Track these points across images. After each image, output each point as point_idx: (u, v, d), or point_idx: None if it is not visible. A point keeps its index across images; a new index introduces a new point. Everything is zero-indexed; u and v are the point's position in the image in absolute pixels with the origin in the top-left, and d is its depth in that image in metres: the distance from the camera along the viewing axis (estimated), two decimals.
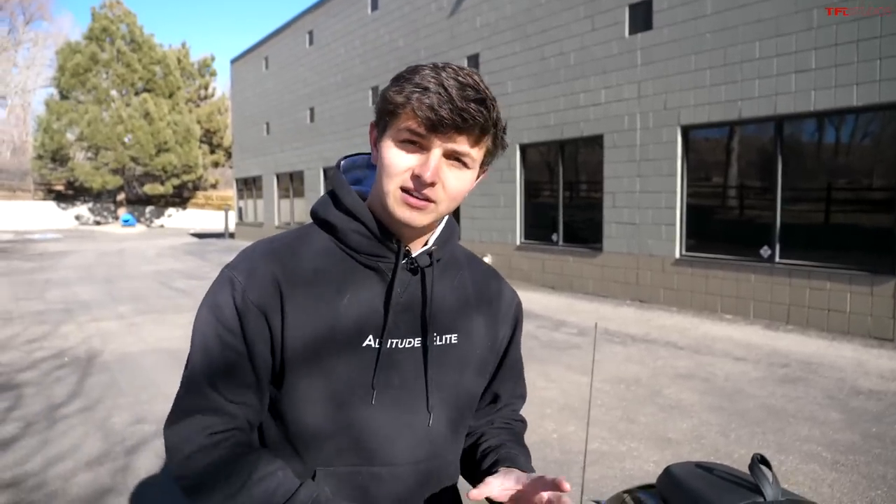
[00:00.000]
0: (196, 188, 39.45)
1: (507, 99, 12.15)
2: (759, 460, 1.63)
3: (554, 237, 11.48)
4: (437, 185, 0.96)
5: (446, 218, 1.13)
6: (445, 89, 0.91)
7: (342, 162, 1.18)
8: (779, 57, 7.95)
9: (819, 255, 7.80)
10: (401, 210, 0.98)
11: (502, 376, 1.25)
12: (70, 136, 32.85)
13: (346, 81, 17.85)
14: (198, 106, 38.97)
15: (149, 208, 37.22)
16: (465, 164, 0.98)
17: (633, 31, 9.78)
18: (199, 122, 36.82)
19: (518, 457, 1.14)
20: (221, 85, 44.01)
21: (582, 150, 11.04)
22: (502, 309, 1.22)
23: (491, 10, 12.55)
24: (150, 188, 34.53)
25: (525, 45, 11.73)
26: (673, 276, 9.38)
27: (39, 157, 33.05)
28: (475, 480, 1.16)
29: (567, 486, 0.91)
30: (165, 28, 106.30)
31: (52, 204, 34.95)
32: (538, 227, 11.89)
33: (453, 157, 0.96)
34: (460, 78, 0.93)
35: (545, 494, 0.93)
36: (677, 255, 9.32)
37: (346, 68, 17.89)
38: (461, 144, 0.95)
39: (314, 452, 1.02)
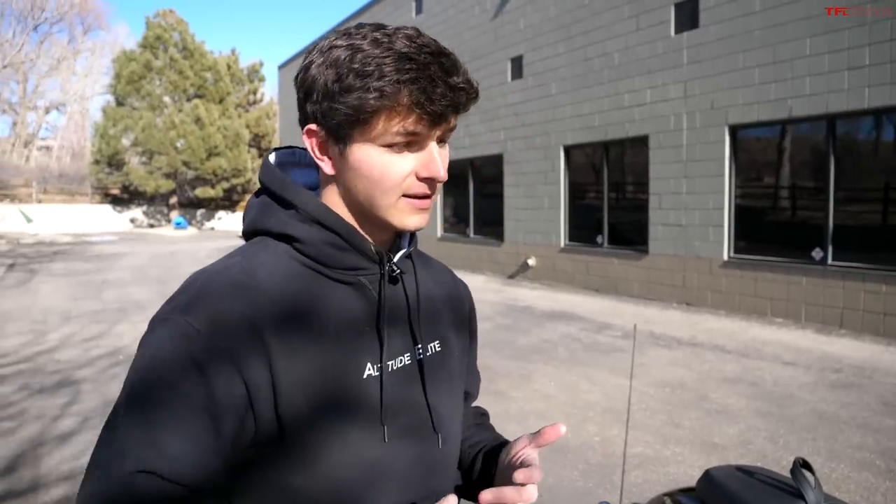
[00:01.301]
0: (245, 191, 40.32)
1: (552, 100, 12.10)
2: (801, 464, 1.61)
3: (598, 239, 11.37)
4: None
5: None
6: (426, 68, 0.76)
7: (271, 156, 0.96)
8: (831, 54, 7.73)
9: (874, 257, 7.55)
10: (410, 219, 0.85)
11: (470, 370, 1.16)
12: (125, 142, 33.92)
13: None
14: (247, 111, 39.77)
15: (200, 211, 38.14)
16: (447, 140, 0.86)
17: (678, 29, 9.64)
18: (247, 126, 37.57)
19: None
20: (270, 90, 44.84)
21: (627, 151, 10.92)
22: (463, 302, 1.12)
23: (534, 12, 12.52)
24: (201, 192, 35.39)
25: (569, 45, 11.67)
26: (721, 279, 9.19)
27: (97, 161, 34.22)
28: (466, 485, 1.11)
29: (562, 428, 0.89)
30: (216, 35, 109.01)
31: (108, 207, 36.13)
32: (582, 228, 11.80)
33: (441, 139, 0.84)
34: (427, 47, 0.77)
35: (520, 453, 0.93)
36: (725, 257, 9.14)
37: None
38: (452, 123, 0.83)
39: None
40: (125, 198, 36.80)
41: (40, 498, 3.60)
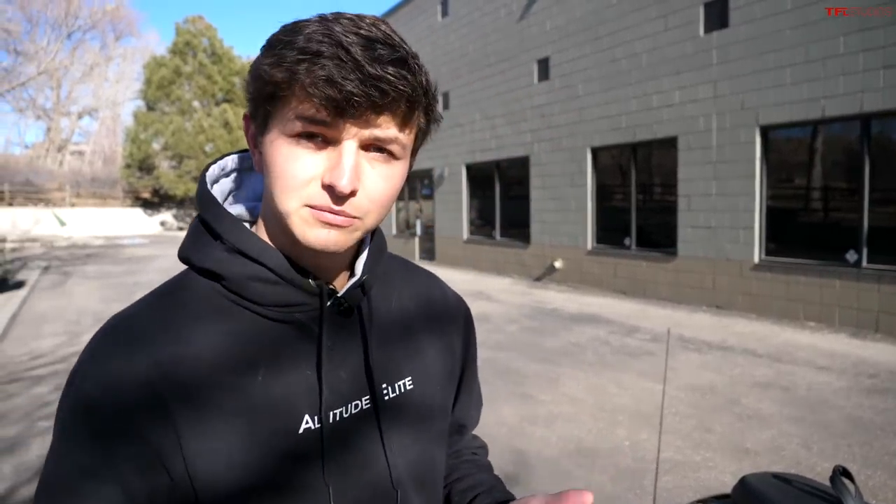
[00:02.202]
0: None
1: (578, 102, 12.03)
2: (841, 472, 1.59)
3: (626, 241, 11.28)
4: (357, 192, 0.68)
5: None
6: (346, 50, 0.63)
7: (210, 169, 0.83)
8: (865, 52, 7.58)
9: None
10: (312, 233, 0.69)
11: (464, 400, 1.03)
12: (156, 146, 34.52)
13: None
14: None
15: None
16: (392, 155, 0.70)
17: (708, 29, 9.53)
18: None
19: (509, 500, 0.95)
20: None
21: (655, 153, 10.81)
22: (451, 320, 0.97)
23: (561, 13, 12.47)
24: None
25: (596, 46, 11.60)
26: (751, 282, 9.06)
27: (128, 165, 34.87)
28: None
29: (589, 497, 0.72)
30: (244, 40, 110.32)
31: (139, 210, 36.73)
32: (610, 231, 11.72)
33: (375, 147, 0.68)
34: (363, 31, 0.65)
35: None
36: (756, 259, 9.00)
37: None
38: (385, 128, 0.67)
39: None
40: (155, 201, 37.40)
41: None
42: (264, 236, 0.77)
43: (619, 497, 3.65)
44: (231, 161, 0.85)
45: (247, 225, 0.80)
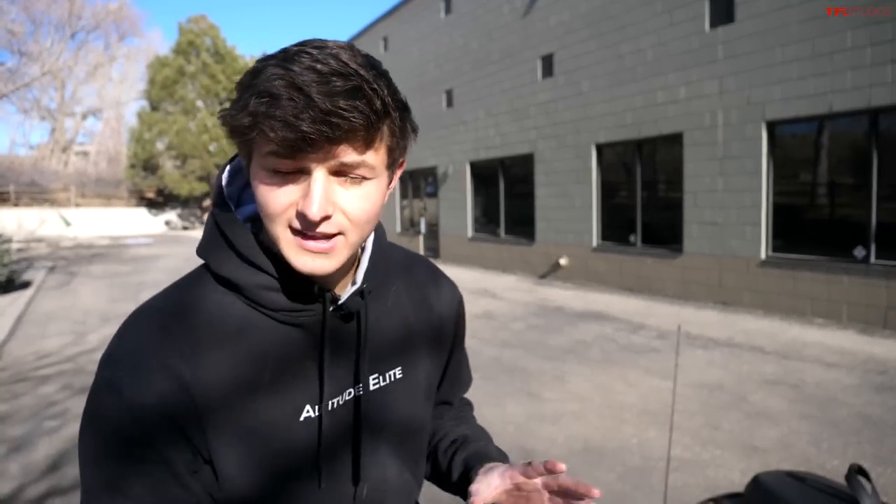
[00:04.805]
0: None
1: (583, 98, 11.99)
2: (857, 471, 1.56)
3: (632, 238, 11.24)
4: (332, 216, 0.75)
5: (371, 234, 0.93)
6: (299, 89, 0.67)
7: (227, 167, 0.90)
8: (873, 46, 7.52)
9: None
10: (299, 259, 0.76)
11: (450, 378, 1.15)
12: (160, 146, 34.58)
13: (421, 86, 18.03)
14: None
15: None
16: (363, 177, 0.75)
17: (713, 24, 9.48)
18: None
19: (486, 448, 1.06)
20: None
21: (660, 149, 10.77)
22: (443, 310, 1.07)
23: (565, 9, 12.42)
24: None
25: (600, 43, 11.55)
26: (758, 278, 9.01)
27: (132, 166, 34.95)
28: (444, 482, 1.10)
29: (561, 466, 0.84)
30: (247, 39, 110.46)
31: (143, 210, 36.79)
32: (615, 228, 11.67)
33: (342, 173, 0.74)
34: (319, 65, 0.69)
35: (538, 480, 0.88)
36: (763, 256, 8.96)
37: (421, 73, 18.08)
38: (346, 155, 0.72)
39: None
40: (160, 201, 37.48)
41: None
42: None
43: (627, 495, 3.62)
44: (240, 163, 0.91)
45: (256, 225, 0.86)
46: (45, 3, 41.56)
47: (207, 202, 36.34)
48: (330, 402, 0.86)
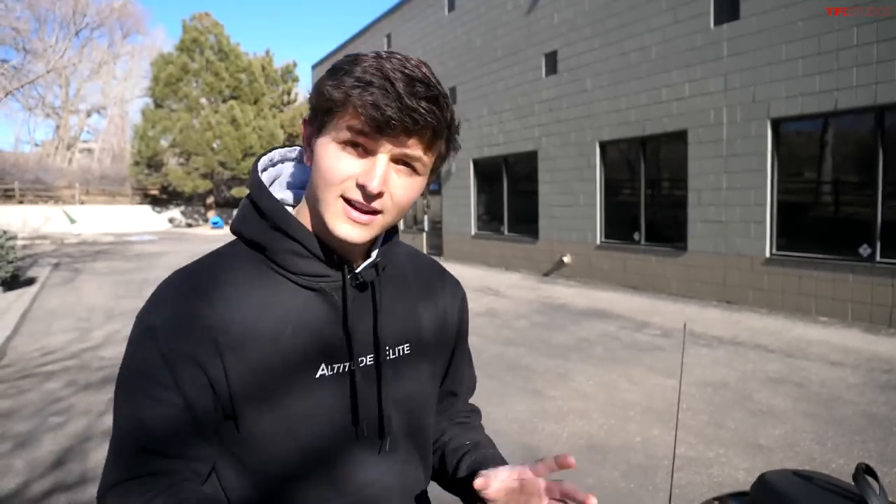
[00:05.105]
0: None
1: (587, 96, 11.96)
2: (865, 470, 1.55)
3: (636, 236, 11.22)
4: (384, 195, 0.86)
5: None
6: (392, 84, 0.80)
7: (261, 160, 1.04)
8: (879, 43, 7.49)
9: None
10: (341, 226, 0.87)
11: (454, 371, 1.20)
12: (164, 143, 34.53)
13: None
14: (281, 111, 40.17)
15: (236, 211, 38.68)
16: (415, 171, 0.88)
17: (718, 21, 9.44)
18: (282, 126, 37.95)
19: (494, 457, 1.11)
20: (303, 90, 45.21)
21: (664, 147, 10.74)
22: (447, 304, 1.14)
23: (569, 6, 12.38)
24: (237, 191, 35.85)
25: (605, 40, 11.52)
26: (763, 277, 8.99)
27: (136, 163, 34.93)
28: (449, 482, 1.14)
29: (572, 460, 0.86)
30: (251, 37, 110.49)
31: (147, 208, 36.83)
32: (619, 225, 11.65)
33: (402, 161, 0.86)
34: (407, 70, 0.82)
35: (542, 482, 0.90)
36: (767, 254, 8.93)
37: None
38: (412, 148, 0.85)
39: (285, 497, 0.93)
40: (164, 198, 37.52)
41: (89, 491, 3.68)
42: (304, 219, 0.95)
43: (631, 493, 3.61)
44: (277, 154, 1.06)
45: (289, 209, 0.98)
46: (49, 1, 41.66)
47: (211, 199, 36.38)
48: (343, 364, 0.94)
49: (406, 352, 1.02)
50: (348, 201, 0.86)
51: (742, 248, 9.24)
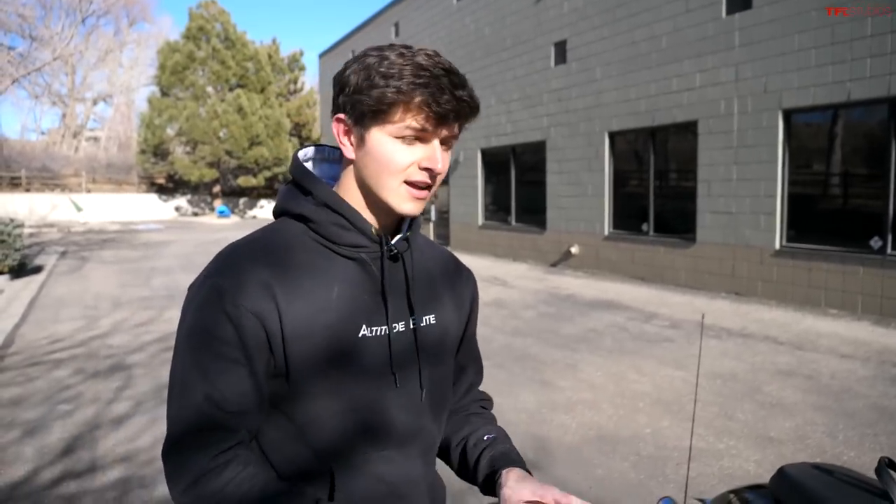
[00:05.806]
0: (287, 180, 40.65)
1: (596, 86, 11.88)
2: (888, 464, 1.52)
3: (644, 227, 11.16)
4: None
5: None
6: (437, 80, 0.92)
7: (298, 154, 1.17)
8: (893, 34, 7.39)
9: None
10: (406, 205, 1.00)
11: (465, 351, 1.29)
12: (170, 132, 34.51)
13: None
14: (287, 100, 40.11)
15: (242, 200, 38.66)
16: (449, 146, 1.02)
17: (730, 10, 9.34)
18: (288, 115, 37.90)
19: (510, 452, 1.19)
20: (310, 79, 45.11)
21: (674, 137, 10.67)
22: (463, 288, 1.25)
23: None
24: (244, 180, 35.85)
25: (614, 29, 11.43)
26: (772, 268, 8.94)
27: (143, 151, 34.92)
28: (469, 475, 1.22)
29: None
30: (257, 25, 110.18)
31: (154, 196, 36.86)
32: (627, 216, 11.60)
33: (443, 142, 0.99)
34: (441, 64, 0.94)
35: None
36: (777, 245, 8.88)
37: None
38: (454, 130, 0.99)
39: (328, 447, 1.01)
40: (170, 187, 37.55)
41: (98, 479, 3.68)
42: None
43: (641, 484, 3.60)
44: (310, 151, 1.17)
45: None
46: None
47: (217, 188, 36.40)
48: (381, 328, 1.04)
49: (432, 321, 1.13)
50: (411, 183, 0.98)
51: (751, 240, 9.19)
